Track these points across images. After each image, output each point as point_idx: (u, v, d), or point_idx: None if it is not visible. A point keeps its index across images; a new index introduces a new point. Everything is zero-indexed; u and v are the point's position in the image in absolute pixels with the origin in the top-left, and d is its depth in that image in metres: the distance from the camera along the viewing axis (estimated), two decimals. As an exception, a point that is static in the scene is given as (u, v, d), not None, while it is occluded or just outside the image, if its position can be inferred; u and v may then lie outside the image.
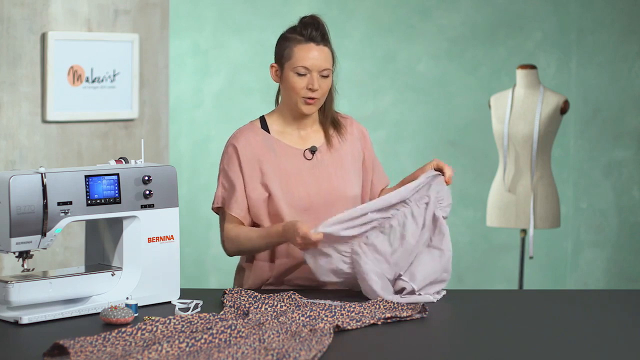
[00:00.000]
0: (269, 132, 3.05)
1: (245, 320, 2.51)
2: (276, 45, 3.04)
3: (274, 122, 3.07)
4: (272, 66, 3.05)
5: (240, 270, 3.13)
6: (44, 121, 4.40)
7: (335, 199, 3.02)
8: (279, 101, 3.09)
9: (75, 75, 4.47)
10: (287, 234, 2.86)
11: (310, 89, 2.96)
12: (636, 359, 2.38)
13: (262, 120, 3.08)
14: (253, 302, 2.72)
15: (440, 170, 2.95)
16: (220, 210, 3.06)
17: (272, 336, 2.37)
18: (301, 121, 3.06)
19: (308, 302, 2.74)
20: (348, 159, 3.08)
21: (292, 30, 3.02)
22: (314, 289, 2.98)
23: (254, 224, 3.03)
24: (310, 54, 2.97)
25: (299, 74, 2.97)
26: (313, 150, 3.05)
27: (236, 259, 3.24)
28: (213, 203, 3.06)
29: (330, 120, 3.09)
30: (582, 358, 2.38)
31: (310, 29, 2.99)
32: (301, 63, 2.96)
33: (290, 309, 2.65)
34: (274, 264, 3.03)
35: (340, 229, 2.78)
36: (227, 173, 3.03)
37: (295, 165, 3.02)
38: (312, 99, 2.98)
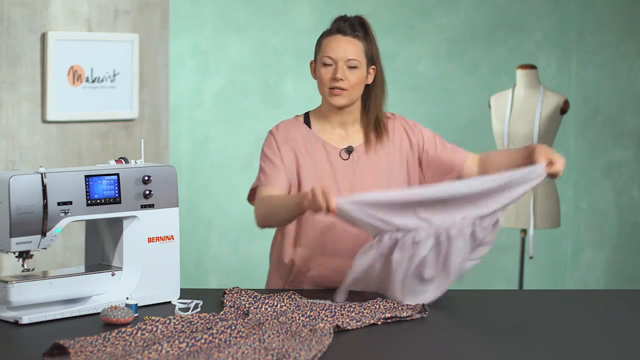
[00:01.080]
0: (310, 127, 3.05)
1: (245, 320, 2.51)
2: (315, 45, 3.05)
3: (316, 119, 3.07)
4: (310, 63, 3.06)
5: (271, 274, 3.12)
6: (44, 121, 4.40)
7: None
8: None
9: (75, 75, 4.47)
10: (308, 194, 2.74)
11: (334, 78, 2.95)
12: (636, 359, 2.38)
13: (306, 115, 3.09)
14: (253, 302, 2.72)
15: (550, 161, 2.79)
16: (255, 192, 3.01)
17: (272, 336, 2.37)
18: (341, 120, 3.03)
19: (308, 302, 2.74)
20: (387, 162, 3.03)
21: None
22: (316, 290, 2.98)
23: None
24: (335, 45, 2.97)
25: (325, 64, 2.97)
26: (349, 151, 3.02)
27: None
28: (250, 191, 3.03)
29: (373, 121, 3.04)
30: (582, 358, 2.38)
31: (340, 22, 3.01)
32: (326, 53, 2.97)
33: (290, 309, 2.65)
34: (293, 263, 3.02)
35: (367, 214, 2.66)
36: (266, 157, 3.03)
37: (331, 163, 3.01)
38: (339, 89, 2.95)
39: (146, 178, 2.76)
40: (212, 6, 5.93)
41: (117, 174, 2.72)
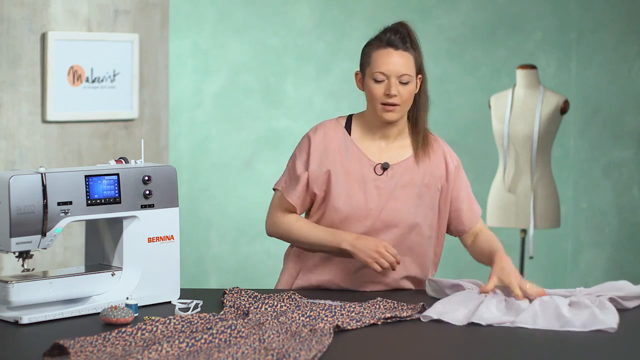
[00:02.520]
0: (350, 133, 2.99)
1: (245, 320, 2.51)
2: (361, 52, 2.97)
3: (358, 125, 3.00)
4: (356, 74, 2.98)
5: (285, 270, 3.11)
6: (44, 121, 4.40)
7: (394, 221, 2.94)
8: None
9: (75, 75, 4.47)
10: (359, 244, 2.85)
11: (387, 94, 2.88)
12: (636, 358, 2.38)
13: (349, 119, 3.02)
14: (253, 302, 2.72)
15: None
16: (276, 191, 3.03)
17: (272, 336, 2.37)
18: (385, 131, 2.97)
19: (308, 302, 2.74)
20: (422, 182, 2.97)
21: (375, 37, 2.95)
22: (319, 290, 2.98)
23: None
24: (387, 59, 2.88)
25: (377, 80, 2.88)
26: (385, 167, 2.95)
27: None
28: (276, 183, 3.04)
29: (423, 131, 2.99)
30: (582, 357, 2.38)
31: (390, 34, 2.91)
32: (378, 69, 2.88)
33: (290, 309, 2.65)
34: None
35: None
36: (294, 161, 2.99)
37: (363, 174, 2.94)
38: (392, 105, 2.88)
39: (146, 178, 2.76)
40: (212, 6, 5.94)
41: (117, 174, 2.72)
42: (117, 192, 2.71)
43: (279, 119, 5.95)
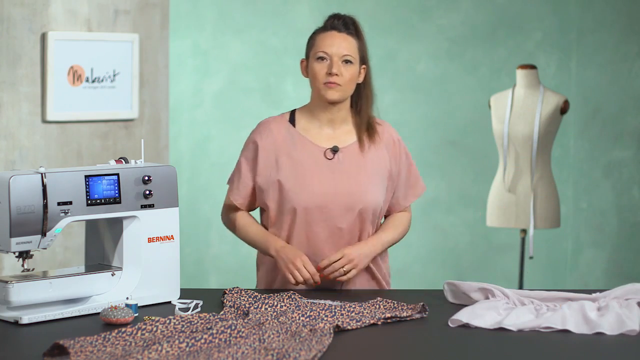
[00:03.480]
0: (295, 126, 3.03)
1: (245, 320, 2.51)
2: (306, 45, 3.05)
3: (302, 117, 3.05)
4: (301, 62, 3.05)
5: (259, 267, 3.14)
6: (44, 121, 4.40)
7: (353, 203, 2.96)
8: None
9: (75, 75, 4.47)
10: (282, 252, 2.90)
11: (329, 73, 2.94)
12: (636, 359, 2.38)
13: (292, 113, 3.07)
14: (253, 302, 2.72)
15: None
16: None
17: (272, 336, 2.37)
18: (329, 116, 3.01)
19: (308, 302, 2.73)
20: (373, 166, 3.01)
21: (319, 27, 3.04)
22: (315, 290, 2.98)
23: (260, 209, 3.07)
24: (330, 40, 2.97)
25: (320, 59, 2.96)
26: (335, 150, 3.00)
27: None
28: (228, 178, 3.10)
29: (365, 123, 3.03)
30: (582, 357, 2.38)
31: (333, 19, 3.02)
32: (321, 48, 2.97)
33: (290, 309, 2.65)
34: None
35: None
36: (241, 158, 3.05)
37: (314, 162, 2.98)
38: (334, 83, 2.94)
39: (146, 178, 2.76)
40: (212, 6, 5.94)
41: (117, 174, 2.72)
42: (117, 192, 2.71)
43: (279, 119, 5.94)
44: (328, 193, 2.96)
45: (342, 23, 3.01)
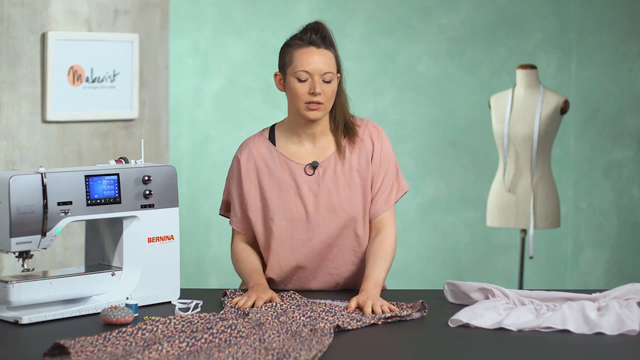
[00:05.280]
0: (274, 143, 2.99)
1: (246, 320, 2.51)
2: (279, 53, 2.96)
3: (282, 133, 3.00)
4: (275, 75, 2.97)
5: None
6: (44, 121, 4.40)
7: (336, 216, 2.93)
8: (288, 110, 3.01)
9: (75, 75, 4.47)
10: (254, 287, 2.85)
11: (312, 93, 2.87)
12: (636, 359, 2.38)
13: (272, 130, 3.02)
14: (253, 302, 2.73)
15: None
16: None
17: (272, 336, 2.37)
18: (308, 131, 2.96)
19: (308, 302, 2.74)
20: (352, 173, 2.97)
21: (293, 36, 2.94)
22: (313, 290, 2.98)
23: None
24: (310, 58, 2.88)
25: (300, 80, 2.88)
26: (314, 166, 2.95)
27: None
28: (220, 208, 3.07)
29: (342, 128, 2.99)
30: (582, 358, 2.38)
31: (310, 33, 2.90)
32: (301, 67, 2.87)
33: (290, 308, 2.65)
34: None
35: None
36: (229, 184, 3.01)
37: (295, 180, 2.94)
38: (316, 103, 2.88)
39: (146, 178, 2.76)
40: (212, 6, 5.94)
41: (117, 174, 2.72)
42: (117, 192, 2.71)
43: (279, 119, 5.93)
44: (310, 210, 2.93)
45: (319, 38, 2.90)
